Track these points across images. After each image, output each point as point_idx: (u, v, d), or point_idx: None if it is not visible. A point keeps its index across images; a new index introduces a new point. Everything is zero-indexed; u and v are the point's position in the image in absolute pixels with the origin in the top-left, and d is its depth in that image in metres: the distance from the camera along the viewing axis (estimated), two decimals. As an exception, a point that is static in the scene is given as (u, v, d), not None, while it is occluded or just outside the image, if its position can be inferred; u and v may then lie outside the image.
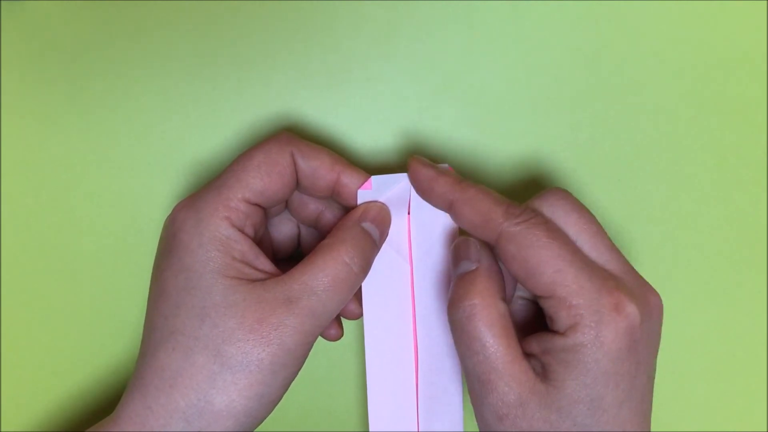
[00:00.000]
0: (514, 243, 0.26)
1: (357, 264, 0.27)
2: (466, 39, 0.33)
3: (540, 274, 0.26)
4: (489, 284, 0.27)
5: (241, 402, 0.25)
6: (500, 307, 0.27)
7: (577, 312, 0.25)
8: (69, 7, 0.33)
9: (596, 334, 0.25)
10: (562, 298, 0.25)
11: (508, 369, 0.26)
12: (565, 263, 0.26)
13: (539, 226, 0.26)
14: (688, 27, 0.33)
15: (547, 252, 0.26)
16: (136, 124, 0.33)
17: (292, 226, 0.32)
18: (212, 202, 0.27)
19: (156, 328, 0.27)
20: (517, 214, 0.26)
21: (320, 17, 0.33)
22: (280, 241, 0.32)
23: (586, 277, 0.25)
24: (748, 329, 0.34)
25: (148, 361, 0.26)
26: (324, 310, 0.27)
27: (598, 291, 0.25)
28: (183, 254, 0.26)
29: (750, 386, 0.34)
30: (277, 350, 0.26)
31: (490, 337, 0.26)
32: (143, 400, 0.26)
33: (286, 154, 0.28)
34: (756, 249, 0.34)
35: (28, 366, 0.34)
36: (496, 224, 0.26)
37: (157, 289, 0.27)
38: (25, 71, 0.33)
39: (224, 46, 0.33)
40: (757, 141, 0.34)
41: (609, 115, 0.33)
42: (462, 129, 0.33)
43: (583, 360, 0.25)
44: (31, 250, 0.33)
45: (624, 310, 0.25)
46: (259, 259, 0.27)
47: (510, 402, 0.26)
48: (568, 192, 0.28)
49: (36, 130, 0.33)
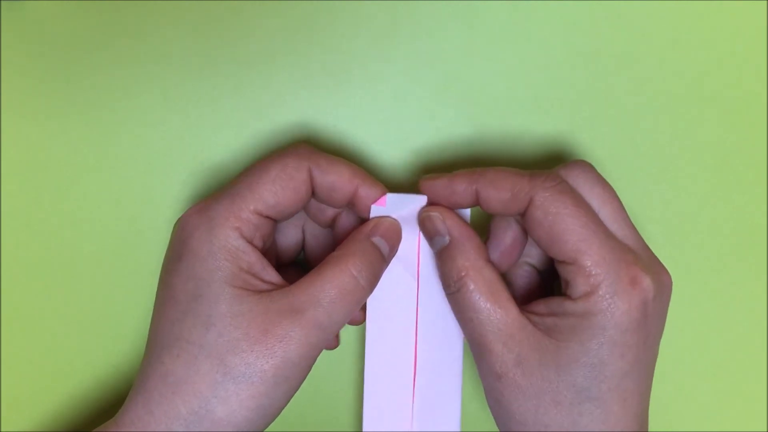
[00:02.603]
0: (541, 209, 0.26)
1: (364, 277, 0.27)
2: (466, 39, 0.33)
3: (565, 242, 0.26)
4: (467, 252, 0.28)
5: (242, 412, 0.25)
6: (485, 272, 0.27)
7: (596, 281, 0.26)
8: (69, 7, 0.33)
9: (609, 304, 0.26)
10: (582, 266, 0.26)
11: (504, 328, 0.27)
12: (590, 233, 0.26)
13: (566, 193, 0.27)
14: (688, 27, 0.33)
15: (574, 220, 0.26)
16: (136, 124, 0.33)
17: (297, 232, 0.31)
18: (224, 212, 0.27)
19: (162, 333, 0.27)
20: (543, 180, 0.27)
21: (320, 17, 0.33)
22: (284, 247, 0.31)
23: (608, 249, 0.26)
24: (748, 329, 0.34)
25: (153, 365, 0.26)
26: (330, 322, 0.26)
27: (618, 263, 0.26)
28: (192, 261, 0.26)
29: (750, 386, 0.34)
30: (280, 362, 0.25)
31: (481, 302, 0.27)
32: (146, 404, 0.26)
33: (303, 169, 0.28)
34: (756, 249, 0.34)
35: (28, 367, 0.34)
36: (524, 194, 0.27)
37: (164, 294, 0.27)
38: (25, 71, 0.33)
39: (224, 46, 0.33)
40: (757, 141, 0.34)
41: (609, 115, 0.33)
42: (462, 129, 0.33)
43: (591, 326, 0.26)
44: (31, 250, 0.33)
45: (640, 284, 0.26)
46: (266, 271, 0.27)
47: (508, 360, 0.27)
48: (591, 165, 0.28)
49: (36, 130, 0.33)
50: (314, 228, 0.32)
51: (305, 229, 0.32)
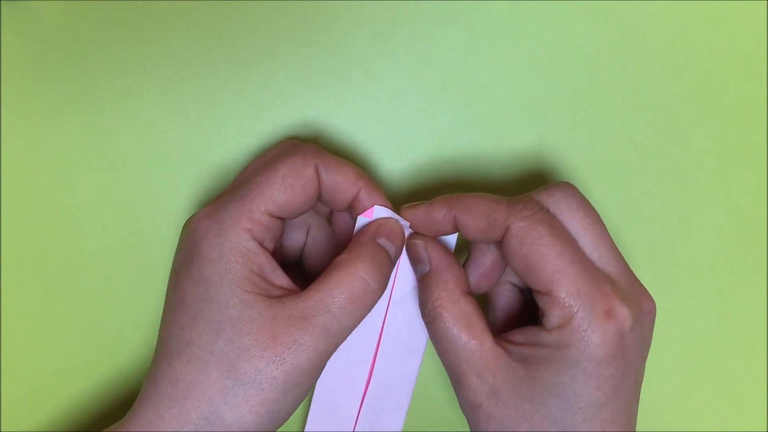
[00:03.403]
0: (517, 239, 0.26)
1: (374, 280, 0.27)
2: (466, 39, 0.33)
3: (540, 272, 0.26)
4: (445, 283, 0.28)
5: (251, 418, 0.25)
6: (461, 303, 0.27)
7: (570, 313, 0.25)
8: (69, 7, 0.33)
9: (583, 336, 0.25)
10: (557, 298, 0.26)
11: (478, 359, 0.27)
12: (566, 263, 0.26)
13: (543, 222, 0.26)
14: (688, 27, 0.33)
15: (550, 250, 0.26)
16: (136, 124, 0.33)
17: (301, 233, 0.31)
18: (235, 214, 0.27)
19: (172, 338, 0.26)
20: (520, 209, 0.26)
21: (320, 17, 0.33)
22: (288, 248, 0.31)
23: (583, 280, 0.26)
24: (748, 329, 0.34)
25: (164, 369, 0.26)
26: (340, 328, 0.26)
27: (593, 294, 0.25)
28: (203, 264, 0.26)
29: (750, 386, 0.34)
30: (290, 369, 0.25)
31: (456, 332, 0.27)
32: (156, 408, 0.26)
33: (311, 167, 0.28)
34: (756, 249, 0.34)
35: (28, 367, 0.34)
36: (501, 222, 0.27)
37: (175, 298, 0.27)
38: (25, 71, 0.33)
39: (224, 46, 0.33)
40: (757, 141, 0.34)
41: (609, 115, 0.33)
42: (462, 129, 0.33)
43: (565, 358, 0.25)
44: (31, 250, 0.33)
45: (615, 316, 0.25)
46: (275, 274, 0.27)
47: (482, 391, 0.27)
48: (574, 187, 0.28)
49: (36, 130, 0.33)
50: (316, 231, 0.31)
51: (309, 232, 0.32)
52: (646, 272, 0.34)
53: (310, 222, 0.31)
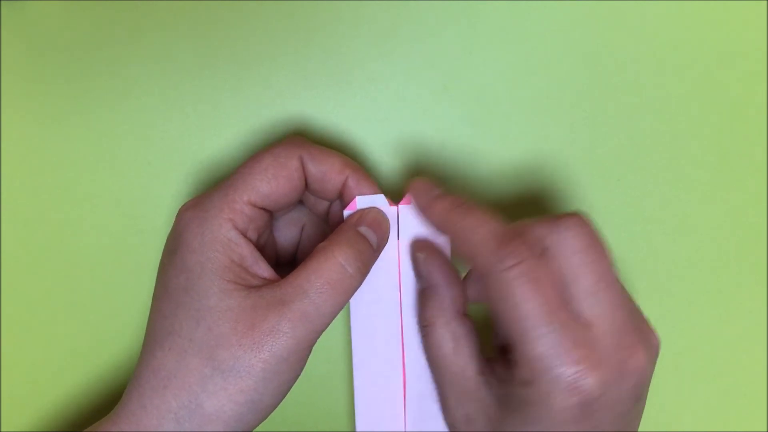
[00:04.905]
0: (494, 288, 0.25)
1: (352, 265, 0.27)
2: (466, 39, 0.33)
3: (509, 327, 0.25)
4: (440, 302, 0.28)
5: (231, 407, 0.25)
6: (453, 325, 0.28)
7: (535, 373, 0.24)
8: (69, 7, 0.33)
9: (546, 399, 0.24)
10: (524, 355, 0.25)
11: (459, 385, 0.27)
12: (540, 322, 0.24)
13: (526, 275, 0.25)
14: (688, 27, 0.33)
15: (525, 306, 0.24)
16: (136, 124, 0.33)
17: (296, 230, 0.32)
18: (218, 204, 0.27)
19: (156, 328, 0.27)
20: (505, 256, 0.25)
21: (320, 17, 0.33)
22: (283, 246, 0.31)
23: (554, 342, 0.24)
24: (748, 329, 0.34)
25: (147, 359, 0.27)
26: (317, 313, 0.26)
27: (561, 358, 0.24)
28: (185, 254, 0.27)
29: (750, 386, 0.34)
30: (268, 357, 0.25)
31: (442, 354, 0.28)
32: (139, 399, 0.26)
33: (295, 158, 0.28)
34: (756, 249, 0.34)
35: (28, 366, 0.34)
36: (483, 262, 0.25)
37: (159, 288, 0.27)
38: (25, 71, 0.33)
39: (224, 46, 0.33)
40: (757, 141, 0.34)
41: (609, 115, 0.33)
42: (462, 129, 0.33)
43: (530, 413, 0.25)
44: (31, 250, 0.33)
45: (578, 389, 0.24)
46: (258, 264, 0.27)
47: (458, 416, 0.28)
48: (583, 220, 0.26)
49: (36, 130, 0.33)
50: (310, 228, 0.32)
51: (303, 230, 0.32)
52: (645, 272, 0.34)
53: (305, 220, 0.31)
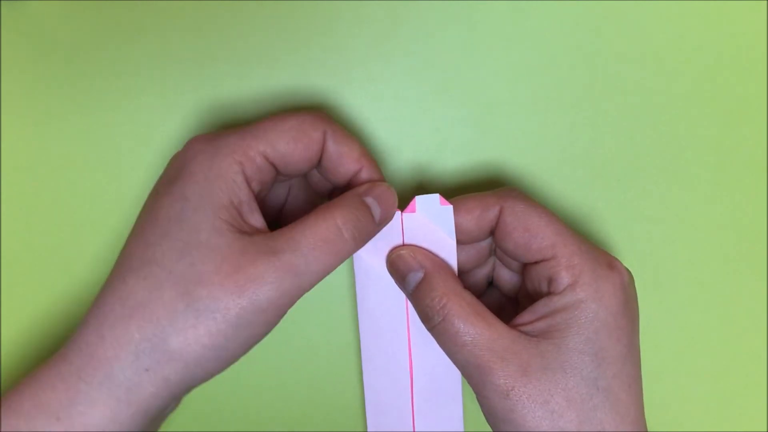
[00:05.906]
0: (513, 214, 0.28)
1: (348, 230, 0.26)
2: (466, 39, 0.33)
3: (542, 238, 0.27)
4: (445, 281, 0.28)
5: (195, 348, 0.25)
6: (465, 296, 0.28)
7: (578, 270, 0.27)
8: (69, 7, 0.33)
9: (596, 289, 0.27)
10: (562, 258, 0.27)
11: (499, 344, 0.27)
12: (562, 227, 0.28)
13: (529, 200, 0.28)
14: (688, 27, 0.33)
15: (546, 218, 0.28)
16: (136, 124, 0.33)
17: (283, 190, 0.31)
18: (232, 144, 0.27)
19: (133, 255, 0.26)
20: (507, 191, 0.29)
21: (320, 17, 0.33)
22: (269, 204, 0.31)
23: (580, 240, 0.28)
24: (748, 329, 0.34)
25: (115, 286, 0.25)
26: (306, 269, 0.25)
27: (592, 251, 0.27)
28: (187, 182, 0.26)
29: (750, 386, 0.34)
30: (247, 304, 0.25)
31: (469, 326, 0.27)
32: (98, 327, 0.25)
33: (320, 130, 0.28)
34: (756, 249, 0.34)
35: (29, 366, 0.34)
36: (493, 206, 0.28)
37: (147, 216, 0.27)
38: (25, 71, 0.33)
39: (224, 46, 0.33)
40: (757, 141, 0.34)
41: (609, 115, 0.33)
42: (462, 129, 0.33)
43: (584, 314, 0.26)
44: (31, 250, 0.33)
45: (617, 267, 0.27)
46: (253, 215, 0.27)
47: (512, 373, 0.26)
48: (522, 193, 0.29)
49: (36, 130, 0.33)
50: (297, 189, 0.31)
51: (290, 190, 0.31)
52: (646, 272, 0.34)
53: (292, 180, 0.31)
